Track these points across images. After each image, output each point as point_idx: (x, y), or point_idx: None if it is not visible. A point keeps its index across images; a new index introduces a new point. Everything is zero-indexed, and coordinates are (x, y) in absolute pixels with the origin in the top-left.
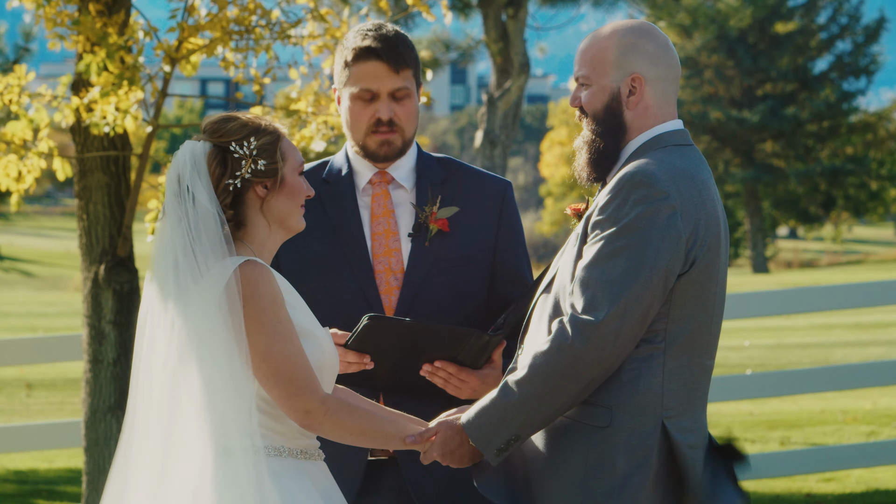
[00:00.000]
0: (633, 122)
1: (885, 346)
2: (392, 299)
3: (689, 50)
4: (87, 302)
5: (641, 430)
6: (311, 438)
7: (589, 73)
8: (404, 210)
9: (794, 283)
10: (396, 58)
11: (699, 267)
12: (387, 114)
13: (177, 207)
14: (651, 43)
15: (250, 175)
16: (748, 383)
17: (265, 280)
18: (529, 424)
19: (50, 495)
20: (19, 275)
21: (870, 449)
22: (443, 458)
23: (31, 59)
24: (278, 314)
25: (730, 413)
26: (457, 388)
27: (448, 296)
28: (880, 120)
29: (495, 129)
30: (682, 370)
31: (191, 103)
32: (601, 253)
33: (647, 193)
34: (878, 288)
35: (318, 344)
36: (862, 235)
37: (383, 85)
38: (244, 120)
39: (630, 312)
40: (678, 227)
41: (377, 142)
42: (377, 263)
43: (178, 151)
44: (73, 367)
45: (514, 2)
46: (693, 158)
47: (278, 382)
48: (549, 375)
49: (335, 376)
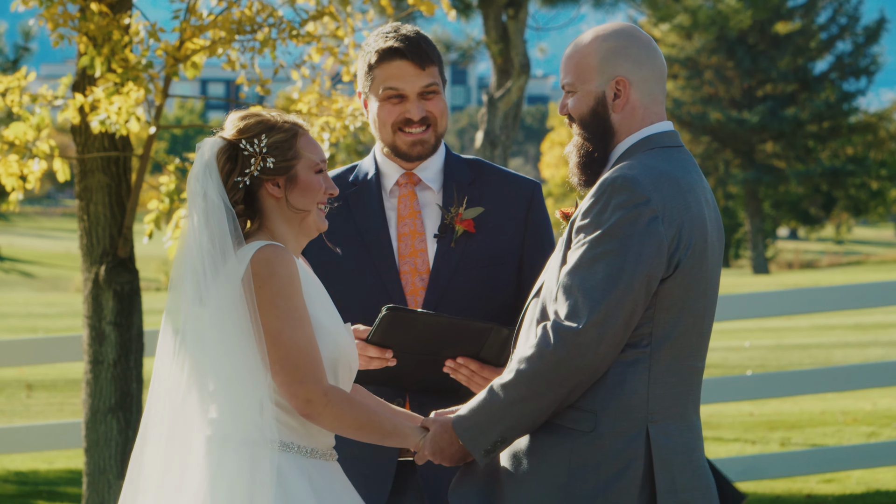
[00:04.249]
0: (620, 125)
1: (886, 347)
2: (418, 300)
3: (688, 51)
4: (88, 303)
5: (626, 435)
6: (327, 437)
7: (574, 80)
8: (431, 211)
9: (795, 283)
10: (421, 55)
11: (684, 270)
12: (418, 113)
13: (192, 201)
14: (634, 45)
15: (259, 172)
16: (748, 384)
17: (283, 262)
18: (514, 428)
19: (50, 496)
20: (19, 275)
21: (870, 450)
22: (433, 456)
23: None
24: (293, 298)
25: (730, 414)
26: (480, 386)
27: (474, 296)
28: (880, 120)
29: (496, 130)
30: (669, 374)
31: (191, 104)
32: (583, 259)
33: (628, 198)
34: (879, 289)
35: (331, 338)
36: (862, 236)
37: (411, 84)
38: (262, 117)
39: (611, 318)
40: (659, 232)
41: (408, 142)
42: (403, 264)
43: (197, 147)
44: (73, 368)
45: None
46: (679, 160)
47: (284, 367)
48: (531, 381)
49: (353, 373)
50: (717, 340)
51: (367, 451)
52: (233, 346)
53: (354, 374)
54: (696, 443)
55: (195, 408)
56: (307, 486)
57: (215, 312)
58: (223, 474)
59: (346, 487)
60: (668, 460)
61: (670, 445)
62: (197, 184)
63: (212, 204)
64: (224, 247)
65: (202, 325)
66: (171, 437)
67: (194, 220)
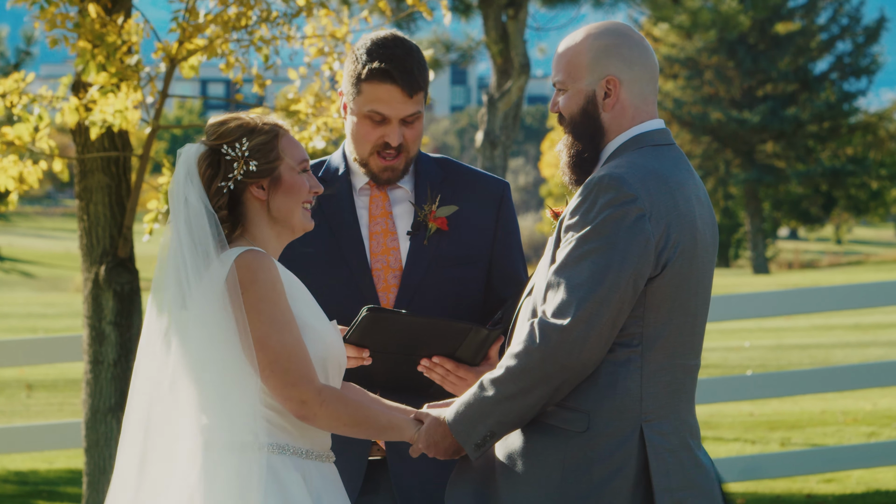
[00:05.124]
0: (610, 124)
1: (886, 346)
2: (390, 297)
3: (689, 50)
4: (88, 303)
5: (620, 435)
6: (324, 438)
7: (564, 78)
8: (403, 210)
9: (795, 283)
10: (411, 82)
11: (672, 269)
12: (396, 139)
13: (174, 207)
14: (625, 44)
15: (243, 176)
16: (749, 384)
17: (265, 267)
18: (503, 423)
19: (50, 496)
20: (19, 276)
21: (870, 450)
22: (427, 449)
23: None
24: (278, 302)
25: (730, 414)
26: (454, 385)
27: (446, 294)
28: (881, 120)
29: (496, 130)
30: (662, 372)
31: (191, 104)
32: (569, 257)
33: (615, 196)
34: (879, 289)
35: (319, 337)
36: (862, 236)
37: (396, 111)
38: (241, 121)
39: (597, 316)
40: (646, 230)
41: (381, 167)
42: (375, 262)
43: (178, 154)
44: (73, 368)
45: (515, 2)
46: (669, 158)
47: (275, 371)
48: (518, 377)
49: (342, 370)
50: (717, 340)
51: (338, 449)
52: (218, 351)
53: (343, 370)
54: (691, 441)
55: (182, 412)
56: (303, 488)
57: (199, 316)
58: (215, 479)
59: (339, 489)
60: (663, 459)
61: (665, 445)
62: (179, 190)
63: (193, 210)
64: (207, 252)
65: (186, 328)
66: (152, 440)
67: (177, 226)
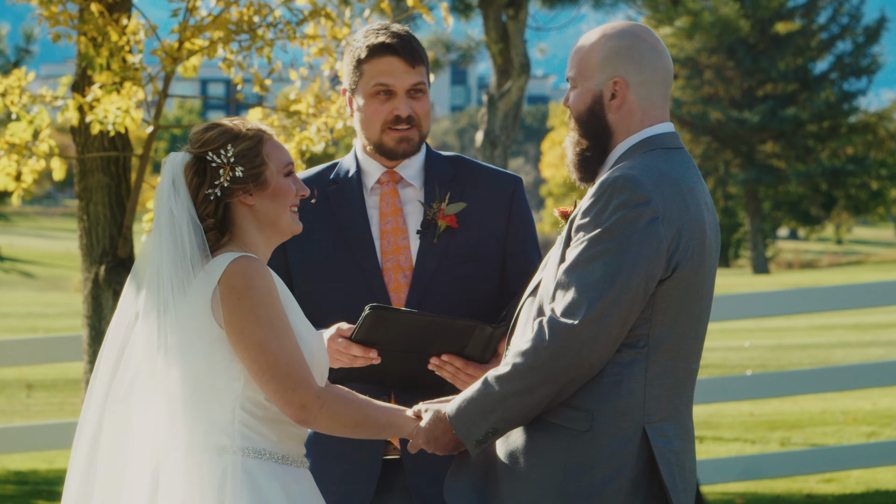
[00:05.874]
0: (617, 125)
1: (886, 346)
2: (401, 297)
3: (689, 50)
4: (88, 302)
5: (622, 436)
6: (298, 445)
7: (576, 74)
8: (413, 208)
9: (795, 283)
10: (412, 53)
11: (682, 272)
12: (406, 110)
13: (158, 216)
14: (638, 47)
15: (229, 183)
16: (749, 384)
17: (260, 273)
18: (507, 420)
19: (50, 496)
20: (19, 275)
21: (870, 449)
22: (427, 444)
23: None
24: (274, 308)
25: (730, 414)
26: (464, 383)
27: (457, 292)
28: (881, 120)
29: (496, 130)
30: (665, 375)
31: (191, 104)
32: (581, 257)
33: (629, 198)
34: (879, 289)
35: (306, 347)
36: (862, 236)
37: (401, 81)
38: (224, 127)
39: (607, 317)
40: (659, 233)
41: (395, 139)
42: (385, 261)
43: (163, 163)
44: (73, 368)
45: (515, 2)
46: (680, 162)
47: (275, 376)
48: (525, 375)
49: (325, 377)
50: (717, 340)
51: (352, 450)
52: (201, 357)
53: (326, 378)
54: (688, 445)
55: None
56: (280, 492)
57: (183, 324)
58: (193, 483)
59: (316, 495)
60: (668, 461)
61: (669, 447)
62: (164, 199)
63: (178, 220)
64: (192, 261)
65: (169, 335)
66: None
67: (161, 235)
